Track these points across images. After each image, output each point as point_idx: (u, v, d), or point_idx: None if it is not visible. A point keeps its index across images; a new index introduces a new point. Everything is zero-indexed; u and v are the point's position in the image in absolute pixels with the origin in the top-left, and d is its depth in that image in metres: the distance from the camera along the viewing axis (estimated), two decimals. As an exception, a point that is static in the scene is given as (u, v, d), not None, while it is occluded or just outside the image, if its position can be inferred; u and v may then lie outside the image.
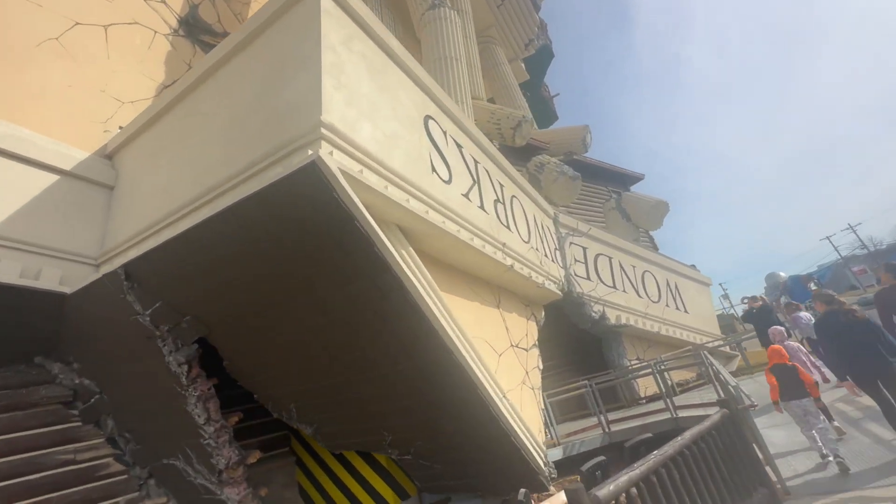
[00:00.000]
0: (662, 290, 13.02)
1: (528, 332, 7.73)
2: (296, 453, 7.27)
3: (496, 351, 6.23)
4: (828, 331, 4.35)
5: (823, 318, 4.46)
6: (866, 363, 4.01)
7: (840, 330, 4.19)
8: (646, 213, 15.24)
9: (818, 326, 4.50)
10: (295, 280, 4.02)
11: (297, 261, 3.82)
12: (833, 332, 4.27)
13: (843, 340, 4.14)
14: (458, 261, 5.75)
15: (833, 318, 4.32)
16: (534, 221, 9.42)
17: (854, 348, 4.07)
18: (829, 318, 4.37)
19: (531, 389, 7.00)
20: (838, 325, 4.22)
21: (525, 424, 5.82)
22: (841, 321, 4.23)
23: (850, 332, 4.12)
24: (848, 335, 4.12)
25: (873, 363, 3.96)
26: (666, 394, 7.82)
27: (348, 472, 6.66)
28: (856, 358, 4.07)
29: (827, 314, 4.42)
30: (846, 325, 4.17)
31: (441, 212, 5.38)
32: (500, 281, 6.89)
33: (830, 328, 4.31)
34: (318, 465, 6.94)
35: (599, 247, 11.89)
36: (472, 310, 5.92)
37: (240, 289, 4.25)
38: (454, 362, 4.20)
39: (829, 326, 4.32)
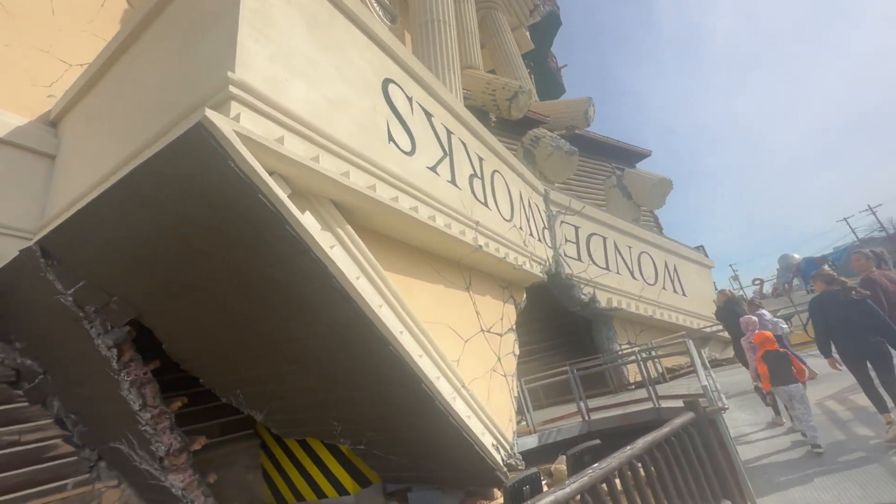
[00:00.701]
0: (660, 272, 12.45)
1: (505, 315, 7.31)
2: (261, 436, 7.06)
3: (462, 337, 5.84)
4: (823, 309, 4.33)
5: (820, 296, 4.40)
6: (858, 341, 4.03)
7: (836, 308, 4.17)
8: (647, 191, 14.51)
9: (813, 304, 4.48)
10: (214, 261, 3.61)
11: (209, 240, 3.40)
12: (828, 310, 4.25)
13: (837, 318, 4.14)
14: (417, 240, 5.29)
15: (831, 297, 4.28)
16: (519, 199, 8.87)
17: (848, 326, 4.08)
18: (826, 297, 4.33)
19: (503, 376, 6.63)
20: (835, 304, 4.20)
21: (487, 415, 5.47)
22: (839, 300, 4.19)
23: (845, 310, 4.10)
24: (843, 313, 4.10)
25: (865, 342, 3.98)
26: (649, 382, 7.41)
27: (310, 458, 6.42)
28: (849, 335, 4.08)
29: (825, 293, 4.36)
30: (843, 303, 4.14)
31: (397, 186, 4.89)
32: (471, 261, 6.43)
33: (826, 307, 4.29)
34: (282, 450, 6.72)
35: (593, 226, 11.30)
36: (433, 293, 5.50)
37: (159, 269, 3.86)
38: (391, 354, 3.81)
39: (825, 305, 4.30)
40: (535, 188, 10.03)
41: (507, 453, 5.77)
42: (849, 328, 4.09)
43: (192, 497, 5.14)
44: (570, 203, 10.93)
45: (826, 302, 4.31)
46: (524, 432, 7.78)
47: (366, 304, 3.55)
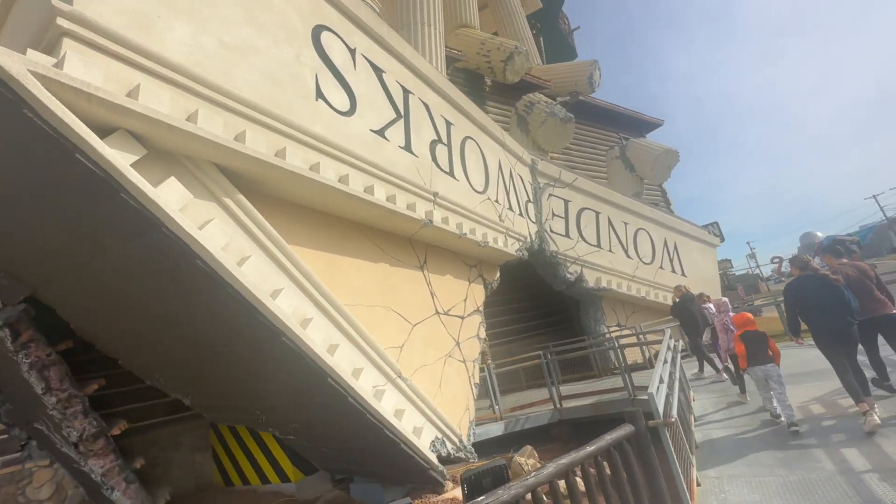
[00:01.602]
0: (658, 250, 11.67)
1: (470, 296, 6.75)
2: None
3: (409, 321, 5.30)
4: (796, 293, 4.48)
5: (795, 281, 4.56)
6: (830, 323, 4.16)
7: (809, 292, 4.33)
8: (651, 163, 13.48)
9: (788, 288, 4.64)
10: (77, 234, 3.09)
11: (60, 210, 2.86)
12: (802, 294, 4.41)
13: (810, 301, 4.30)
14: (352, 213, 4.69)
15: (805, 281, 4.42)
16: (497, 169, 8.14)
17: (820, 310, 4.22)
18: (800, 281, 4.48)
19: (461, 362, 6.13)
20: (808, 288, 4.36)
21: (430, 407, 4.99)
22: (812, 284, 4.35)
23: (818, 294, 4.25)
24: (816, 297, 4.26)
25: (836, 324, 4.12)
26: (624, 370, 6.84)
27: (256, 443, 6.09)
28: (822, 317, 4.20)
29: (800, 278, 4.52)
30: (815, 287, 4.29)
31: (323, 151, 4.26)
32: (427, 237, 5.83)
33: (800, 291, 4.45)
34: (231, 433, 6.41)
35: (585, 200, 10.51)
36: (373, 272, 4.93)
37: (34, 241, 3.36)
38: (286, 346, 3.29)
39: (799, 289, 4.46)
40: (520, 158, 9.25)
41: (456, 446, 5.33)
42: (822, 311, 4.21)
43: (113, 483, 4.84)
44: (560, 175, 10.12)
45: (801, 286, 4.44)
46: (490, 419, 7.36)
47: (245, 289, 3.01)
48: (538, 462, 6.57)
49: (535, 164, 9.74)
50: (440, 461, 5.10)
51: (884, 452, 3.37)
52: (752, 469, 3.68)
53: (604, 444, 2.82)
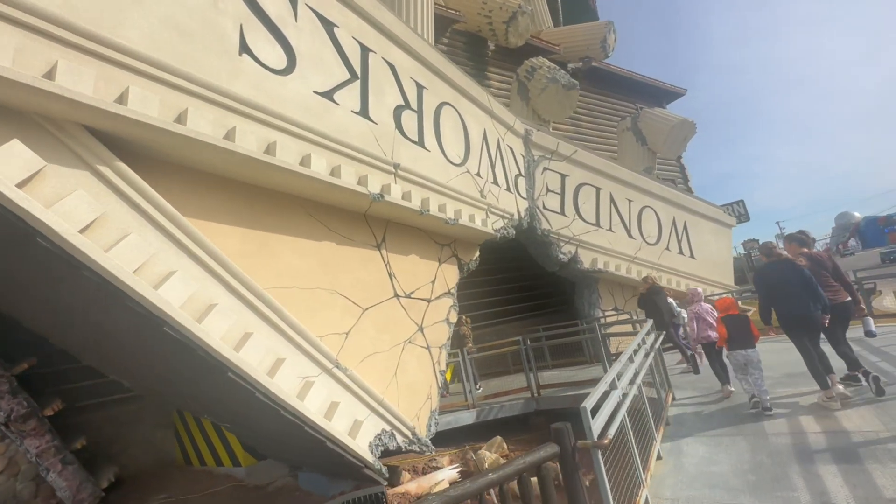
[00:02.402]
0: (664, 230, 10.87)
1: (440, 277, 6.26)
2: (174, 393, 6.59)
3: (359, 305, 4.87)
4: (765, 280, 4.52)
5: (763, 268, 4.62)
6: (795, 308, 4.22)
7: (776, 279, 4.36)
8: (664, 134, 12.43)
9: (757, 275, 4.68)
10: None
11: None
12: (770, 281, 4.44)
13: (777, 286, 4.34)
14: (285, 186, 4.20)
15: (771, 268, 4.46)
16: (481, 139, 7.48)
17: (786, 295, 4.27)
18: (767, 268, 4.52)
19: (424, 349, 5.71)
20: (775, 275, 4.39)
21: (376, 398, 4.60)
22: (779, 270, 4.38)
23: (785, 279, 4.29)
24: (782, 282, 4.30)
25: (801, 309, 4.17)
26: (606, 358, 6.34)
27: (213, 425, 5.88)
28: (788, 302, 4.26)
29: (767, 264, 4.57)
30: (783, 273, 4.33)
31: (246, 114, 3.76)
32: (386, 214, 5.32)
33: (768, 277, 4.48)
34: (192, 414, 6.21)
35: (584, 174, 9.75)
36: (314, 252, 4.48)
37: None
38: (167, 336, 2.89)
39: (767, 276, 4.50)
40: (511, 128, 8.52)
41: (408, 439, 4.97)
42: (788, 296, 4.25)
43: (48, 465, 4.68)
44: (557, 146, 9.35)
45: (768, 272, 4.46)
46: (462, 406, 6.99)
47: (109, 273, 2.59)
48: (505, 455, 6.21)
49: (528, 135, 9.00)
50: (387, 455, 4.76)
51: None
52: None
53: (520, 465, 2.35)
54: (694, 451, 3.74)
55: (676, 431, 4.24)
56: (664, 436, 4.18)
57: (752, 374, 4.30)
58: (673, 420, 4.50)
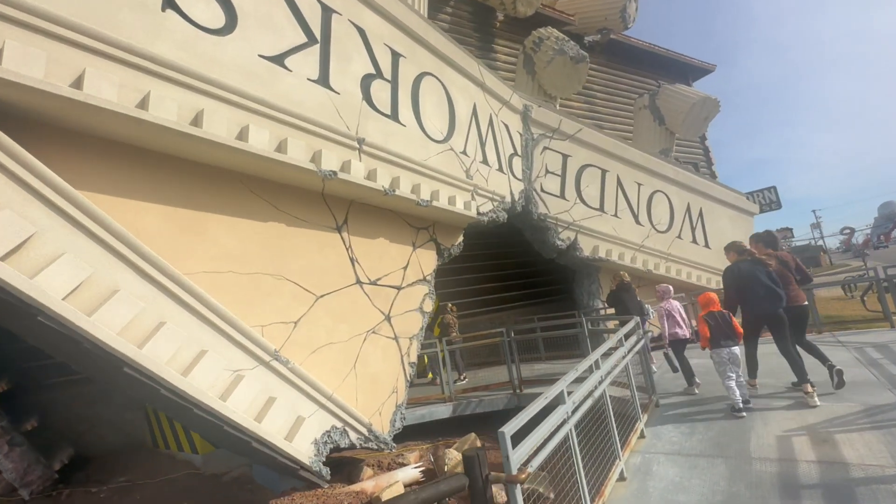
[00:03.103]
0: (677, 216, 10.09)
1: (414, 263, 5.82)
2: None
3: (312, 291, 4.50)
4: (733, 279, 4.53)
5: (732, 266, 4.60)
6: (760, 308, 4.28)
7: (746, 278, 4.38)
8: (683, 113, 11.46)
9: (725, 273, 4.67)
10: None
11: None
12: (739, 279, 4.44)
13: (746, 285, 4.37)
14: (220, 161, 3.81)
15: (741, 266, 4.46)
16: (470, 114, 6.91)
17: (753, 294, 4.30)
18: (735, 267, 4.53)
19: (392, 339, 5.33)
20: (745, 272, 4.40)
21: (325, 394, 4.27)
22: (747, 270, 4.39)
23: (753, 278, 4.31)
24: (751, 281, 4.32)
25: (767, 308, 4.23)
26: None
27: (176, 405, 5.70)
28: (756, 300, 4.29)
29: (736, 263, 4.57)
30: (751, 272, 4.35)
31: (168, 78, 3.35)
32: (348, 194, 4.88)
33: (735, 276, 4.50)
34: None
35: (589, 155, 9.05)
36: (257, 234, 4.10)
37: None
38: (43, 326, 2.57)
39: (734, 275, 4.51)
40: (507, 103, 7.89)
41: (363, 436, 4.64)
42: (755, 295, 4.29)
43: (-6, 446, 4.55)
44: (559, 124, 8.66)
45: (738, 271, 4.46)
46: (438, 400, 6.64)
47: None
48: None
49: (527, 111, 8.34)
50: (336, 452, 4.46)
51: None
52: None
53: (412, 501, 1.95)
54: (664, 472, 3.27)
55: (651, 445, 3.75)
56: (637, 449, 3.71)
57: (735, 371, 4.16)
58: (650, 432, 4.01)
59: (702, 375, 5.24)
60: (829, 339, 6.69)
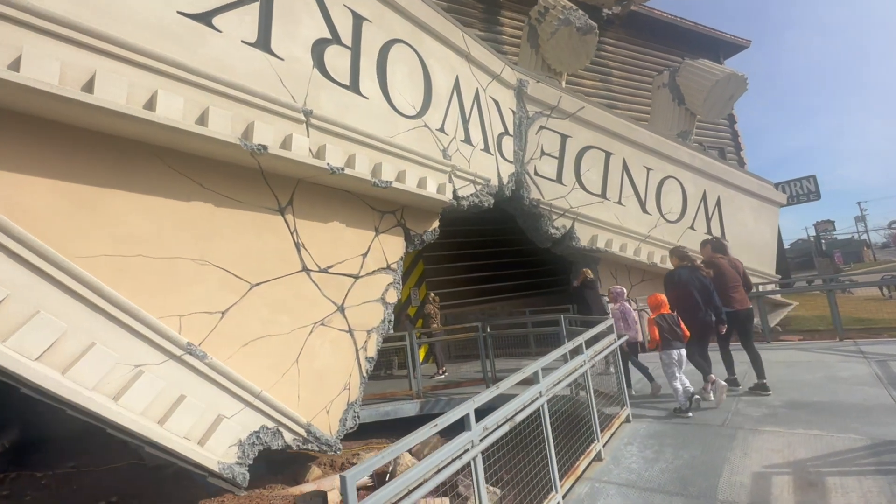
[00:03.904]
0: (690, 205, 9.23)
1: (376, 250, 5.34)
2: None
3: (245, 279, 4.10)
4: (673, 285, 4.52)
5: (673, 272, 4.60)
6: (698, 314, 4.33)
7: (683, 286, 4.40)
8: (704, 91, 10.39)
9: (667, 278, 4.66)
10: None
11: None
12: (677, 287, 4.46)
13: (685, 292, 4.38)
14: (123, 132, 3.39)
15: (682, 273, 4.47)
16: (451, 88, 6.30)
17: (693, 300, 4.34)
18: (676, 273, 4.52)
19: (345, 332, 4.91)
20: (686, 279, 4.41)
21: (251, 391, 3.89)
22: (684, 277, 4.42)
23: (693, 285, 4.36)
24: (690, 289, 4.36)
25: (705, 315, 4.32)
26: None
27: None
28: (695, 306, 4.33)
29: (677, 269, 4.57)
30: (688, 281, 4.39)
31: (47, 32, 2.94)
32: (293, 172, 4.42)
33: (675, 283, 4.49)
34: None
35: (592, 136, 8.28)
36: (176, 214, 3.69)
37: None
38: None
39: (674, 281, 4.50)
40: (498, 76, 7.21)
41: (300, 437, 4.27)
42: (695, 302, 4.33)
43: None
44: (558, 101, 7.92)
45: (678, 277, 4.46)
46: (405, 396, 6.23)
47: None
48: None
49: (522, 87, 7.64)
50: (267, 455, 4.10)
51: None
52: None
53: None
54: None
55: (606, 472, 3.22)
56: (588, 476, 3.18)
57: (678, 371, 4.21)
58: (611, 454, 3.46)
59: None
60: (849, 347, 5.89)
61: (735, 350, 4.82)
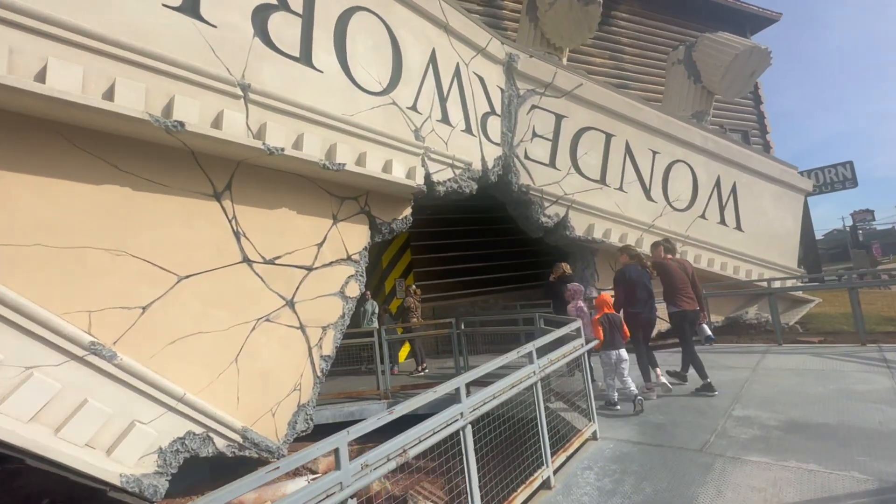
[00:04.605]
0: (702, 192, 8.46)
1: (335, 239, 4.90)
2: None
3: (172, 271, 3.73)
4: (624, 282, 4.57)
5: (623, 269, 4.64)
6: (644, 312, 4.50)
7: (634, 284, 4.49)
8: (723, 67, 9.44)
9: (617, 275, 4.71)
10: None
11: None
12: (628, 284, 4.53)
13: (633, 291, 4.49)
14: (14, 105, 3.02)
15: (630, 271, 4.55)
16: (427, 62, 5.76)
17: (642, 300, 4.48)
18: (627, 271, 4.58)
19: (295, 329, 4.52)
20: (636, 278, 4.51)
21: (171, 393, 3.54)
22: (633, 275, 4.52)
23: (642, 284, 4.48)
24: (638, 288, 4.48)
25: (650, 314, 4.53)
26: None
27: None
28: (642, 303, 4.48)
29: (627, 266, 4.64)
30: (639, 279, 4.51)
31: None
32: (226, 152, 4.00)
33: (627, 280, 4.55)
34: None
35: (590, 116, 7.60)
36: (85, 199, 3.33)
37: None
38: None
39: (626, 278, 4.56)
40: (483, 50, 6.61)
41: (235, 444, 3.92)
42: (642, 301, 4.49)
43: None
44: (553, 77, 7.26)
45: (629, 274, 4.54)
46: (372, 396, 5.84)
47: None
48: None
49: (512, 62, 7.01)
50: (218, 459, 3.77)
51: None
52: None
53: None
54: None
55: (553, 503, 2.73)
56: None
57: (623, 370, 4.30)
58: (564, 482, 2.97)
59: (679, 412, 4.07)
60: (871, 353, 5.17)
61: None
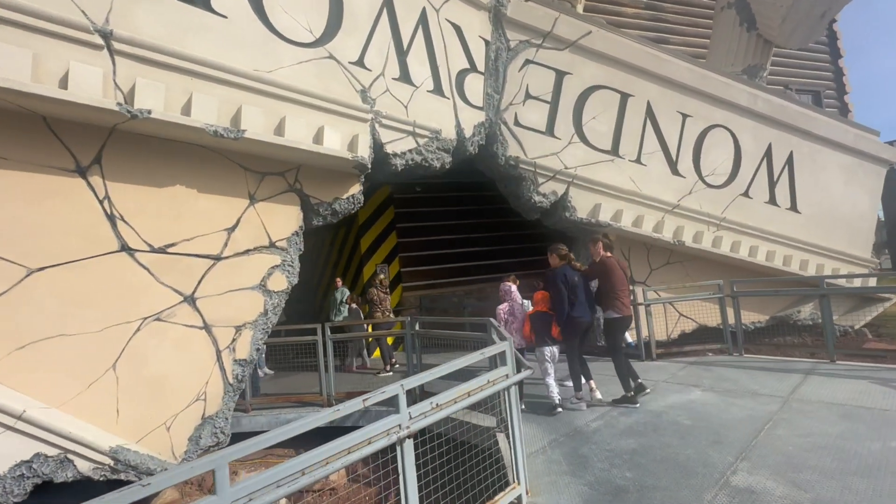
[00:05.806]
0: (746, 164, 6.89)
1: (252, 222, 4.11)
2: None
3: (20, 263, 3.11)
4: (553, 283, 4.38)
5: (558, 270, 4.39)
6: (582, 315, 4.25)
7: (571, 285, 4.29)
8: (784, 8, 7.47)
9: (551, 277, 4.45)
10: None
11: None
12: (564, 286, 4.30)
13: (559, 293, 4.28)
14: None
15: (565, 272, 4.33)
16: (379, 5, 4.75)
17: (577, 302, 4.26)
18: (562, 272, 4.36)
19: (198, 329, 3.83)
20: (570, 281, 4.30)
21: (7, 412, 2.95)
22: (570, 277, 4.30)
23: (579, 286, 4.30)
24: (577, 288, 4.29)
25: (587, 316, 4.29)
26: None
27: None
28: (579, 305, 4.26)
29: (562, 268, 4.38)
30: (576, 279, 4.30)
31: None
32: (96, 119, 3.27)
33: (563, 282, 4.32)
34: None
35: (602, 72, 6.26)
36: None
37: None
38: None
39: (562, 280, 4.33)
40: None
41: (103, 466, 3.32)
42: (580, 302, 4.26)
43: None
44: (553, 25, 5.96)
45: (565, 276, 4.31)
46: (315, 402, 5.12)
47: None
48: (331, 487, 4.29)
49: (499, 6, 5.78)
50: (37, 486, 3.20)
51: None
52: None
53: None
54: None
55: None
56: None
57: (549, 368, 4.21)
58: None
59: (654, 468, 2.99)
60: None
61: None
